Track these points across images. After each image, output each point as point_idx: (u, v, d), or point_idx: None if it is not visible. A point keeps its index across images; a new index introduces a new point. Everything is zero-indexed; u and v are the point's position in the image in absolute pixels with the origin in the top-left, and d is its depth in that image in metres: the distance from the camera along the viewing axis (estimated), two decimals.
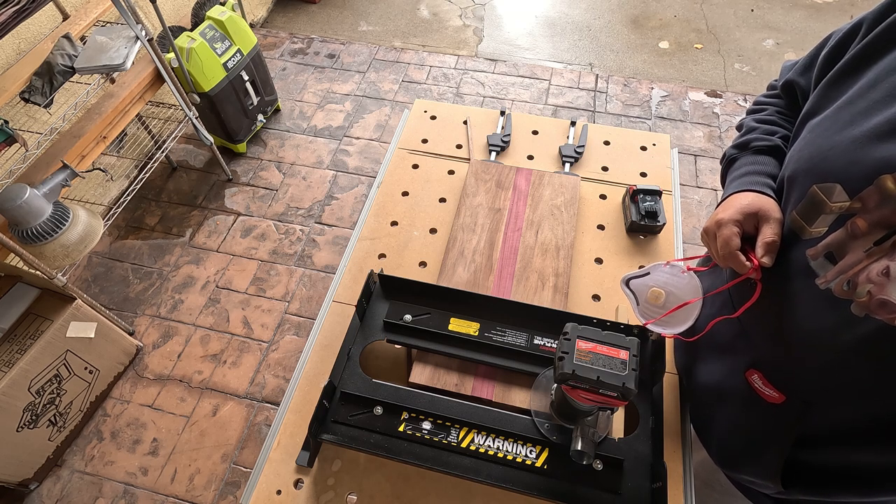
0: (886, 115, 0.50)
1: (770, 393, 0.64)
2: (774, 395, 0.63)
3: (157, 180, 2.38)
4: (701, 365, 0.78)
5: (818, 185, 0.54)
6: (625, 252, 1.02)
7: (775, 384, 0.63)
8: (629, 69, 2.87)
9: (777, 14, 3.19)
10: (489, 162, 1.13)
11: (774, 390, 0.63)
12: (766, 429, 0.66)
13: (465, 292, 0.88)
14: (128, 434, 1.71)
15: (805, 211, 0.56)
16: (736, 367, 0.69)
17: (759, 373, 0.65)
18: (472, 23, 3.16)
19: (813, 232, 0.55)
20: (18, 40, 1.73)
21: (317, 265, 2.10)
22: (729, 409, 0.72)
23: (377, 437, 0.75)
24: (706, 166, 2.40)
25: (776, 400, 0.63)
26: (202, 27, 2.04)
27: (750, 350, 0.67)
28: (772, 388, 0.64)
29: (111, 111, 1.70)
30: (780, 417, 0.64)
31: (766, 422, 0.66)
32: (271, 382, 1.81)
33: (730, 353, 0.71)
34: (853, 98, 0.55)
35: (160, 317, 1.96)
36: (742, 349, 0.69)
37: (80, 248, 1.55)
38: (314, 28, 3.11)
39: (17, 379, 1.41)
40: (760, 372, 0.65)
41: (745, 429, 0.70)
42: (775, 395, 0.63)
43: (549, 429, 0.75)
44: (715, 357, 0.75)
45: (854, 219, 0.51)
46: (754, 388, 0.66)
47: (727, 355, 0.72)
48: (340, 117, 2.61)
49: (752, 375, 0.66)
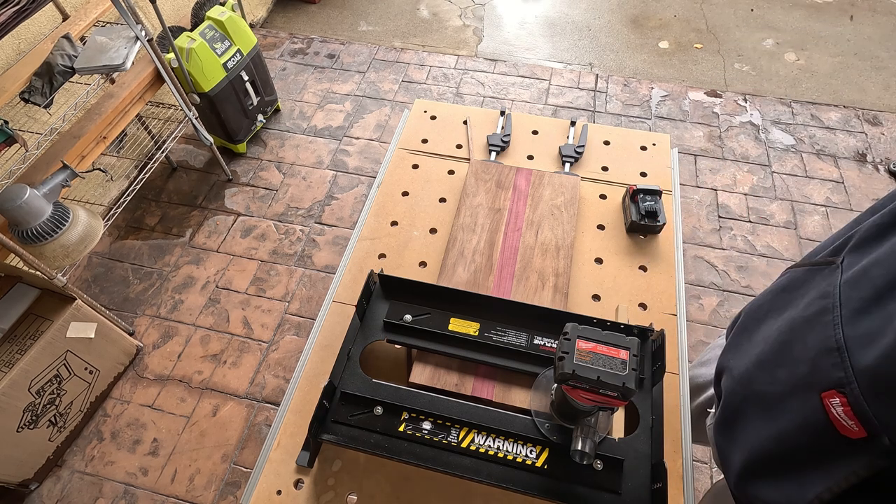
0: None
1: (850, 425, 0.52)
2: (854, 429, 0.52)
3: (157, 180, 2.38)
4: (761, 371, 0.67)
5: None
6: (625, 252, 1.02)
7: (861, 417, 0.51)
8: (629, 69, 2.87)
9: (777, 14, 3.19)
10: (489, 162, 1.13)
11: (857, 423, 0.53)
12: (824, 460, 0.57)
13: (465, 292, 0.88)
14: (128, 434, 1.71)
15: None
16: (812, 383, 0.57)
17: (843, 398, 0.53)
18: (471, 23, 3.16)
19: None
20: (18, 40, 1.73)
21: (317, 265, 2.10)
22: (782, 425, 0.60)
23: (377, 437, 0.75)
24: (706, 166, 2.40)
25: (854, 434, 0.52)
26: (202, 27, 2.04)
27: (842, 369, 0.54)
28: (854, 419, 0.52)
29: (111, 111, 1.70)
30: (849, 454, 0.54)
31: (828, 453, 0.56)
32: (271, 382, 1.81)
33: (809, 366, 0.59)
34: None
35: (160, 317, 1.96)
36: (830, 366, 0.55)
37: (80, 248, 1.55)
38: (314, 28, 3.11)
39: (17, 379, 1.41)
40: (846, 397, 0.52)
41: (795, 452, 0.60)
42: (856, 428, 0.51)
43: (549, 429, 0.75)
44: (786, 365, 0.63)
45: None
46: (830, 413, 0.55)
47: (804, 367, 0.59)
48: (340, 117, 2.61)
49: (833, 399, 0.54)
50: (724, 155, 2.44)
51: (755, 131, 2.54)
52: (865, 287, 0.57)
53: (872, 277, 0.57)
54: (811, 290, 0.65)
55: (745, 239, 2.15)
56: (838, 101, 2.68)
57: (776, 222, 2.20)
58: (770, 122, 2.58)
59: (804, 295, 0.66)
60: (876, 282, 0.56)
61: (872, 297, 0.56)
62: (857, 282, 0.58)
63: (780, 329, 0.67)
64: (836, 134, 2.52)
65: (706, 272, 2.06)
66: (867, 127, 2.55)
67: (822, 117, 2.59)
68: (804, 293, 0.66)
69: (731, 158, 2.43)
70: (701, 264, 2.08)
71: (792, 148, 2.47)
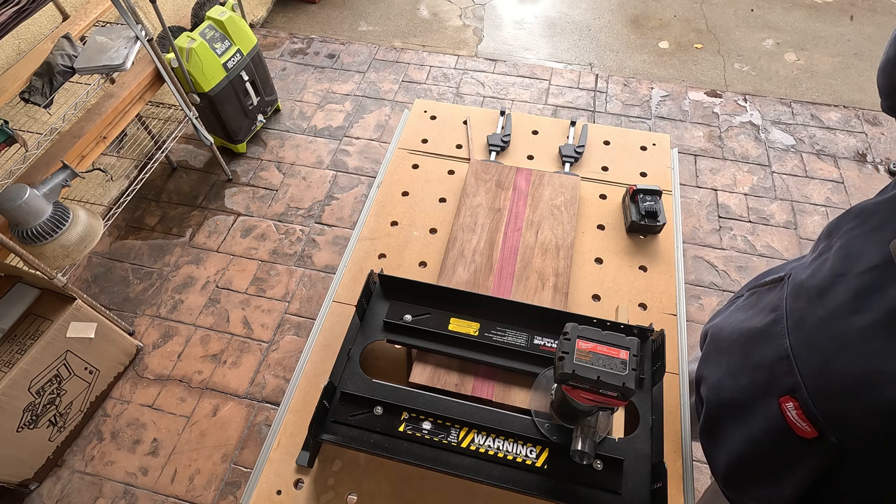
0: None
1: (803, 426, 0.59)
2: (807, 430, 0.58)
3: (157, 180, 2.38)
4: (729, 379, 0.73)
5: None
6: (625, 252, 1.02)
7: (811, 418, 0.58)
8: (629, 69, 2.87)
9: (777, 14, 3.19)
10: (489, 162, 1.13)
11: (808, 424, 0.58)
12: (787, 460, 0.62)
13: (465, 292, 0.88)
14: (128, 434, 1.71)
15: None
16: (770, 389, 0.64)
17: (795, 402, 0.60)
18: (471, 23, 3.16)
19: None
20: (18, 40, 1.73)
21: (317, 265, 2.10)
22: (751, 430, 0.67)
23: (377, 437, 0.75)
24: (706, 166, 2.40)
25: (807, 434, 0.58)
26: (202, 27, 2.04)
27: (792, 376, 0.61)
28: (806, 421, 0.58)
29: (111, 111, 1.70)
30: (806, 453, 0.60)
31: (789, 453, 0.62)
32: (271, 382, 1.81)
33: (766, 373, 0.65)
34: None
35: (160, 317, 1.96)
36: (782, 373, 0.62)
37: (80, 248, 1.55)
38: (314, 28, 3.11)
39: (17, 379, 1.41)
40: (797, 402, 0.59)
41: (764, 454, 0.66)
42: (808, 429, 0.58)
43: (549, 429, 0.75)
44: (748, 373, 0.69)
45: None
46: (786, 417, 0.61)
47: (762, 374, 0.66)
48: (340, 117, 2.61)
49: (787, 403, 0.60)
50: (724, 155, 2.44)
51: (755, 131, 2.54)
52: (803, 298, 0.64)
53: (808, 289, 0.64)
54: (765, 303, 0.73)
55: (745, 239, 2.15)
56: (838, 101, 2.68)
57: (776, 222, 2.20)
58: (770, 122, 2.58)
59: (761, 309, 0.73)
60: (810, 292, 0.63)
61: (807, 307, 0.62)
62: (797, 294, 0.66)
63: (741, 340, 0.73)
64: (836, 134, 2.52)
65: (706, 272, 2.06)
66: (867, 127, 2.55)
67: (822, 117, 2.59)
68: (760, 307, 0.73)
69: (731, 158, 2.43)
70: (701, 264, 2.08)
71: (792, 148, 2.47)
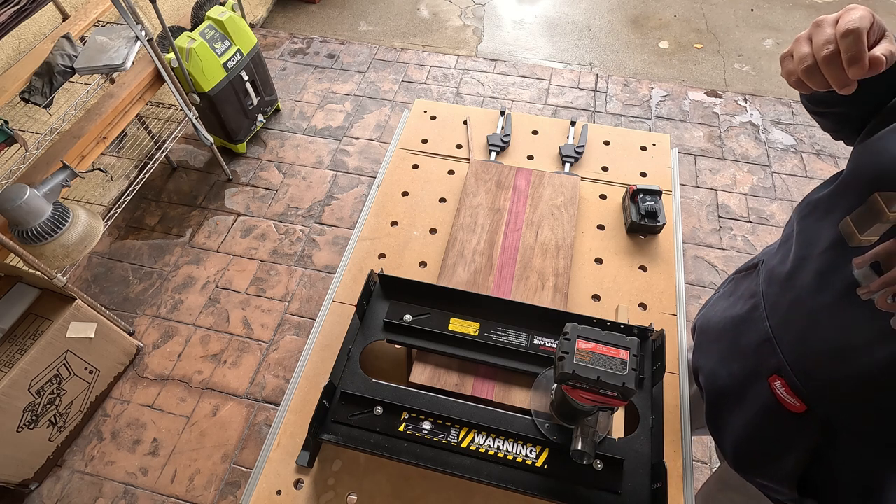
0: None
1: (792, 402, 0.63)
2: (796, 405, 0.62)
3: (157, 180, 2.38)
4: (721, 367, 0.77)
5: (881, 192, 0.51)
6: (625, 252, 1.02)
7: (798, 394, 0.62)
8: (629, 69, 2.87)
9: (777, 14, 3.19)
10: (489, 162, 1.13)
11: (797, 399, 0.62)
12: (784, 436, 0.65)
13: (465, 292, 0.88)
14: (128, 434, 1.71)
15: (860, 217, 0.53)
16: (759, 371, 0.68)
17: (782, 380, 0.64)
18: (471, 23, 3.16)
19: (863, 240, 0.52)
20: (18, 40, 1.73)
21: (317, 265, 2.10)
22: (748, 412, 0.71)
23: (377, 437, 0.75)
24: (706, 166, 2.40)
25: (797, 409, 0.62)
26: (202, 27, 2.04)
27: (776, 356, 0.65)
28: (794, 397, 0.62)
29: (111, 111, 1.70)
30: (799, 427, 0.63)
31: (785, 430, 0.65)
32: (271, 382, 1.81)
33: (753, 357, 0.70)
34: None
35: (160, 317, 1.96)
36: (767, 354, 0.67)
37: (80, 248, 1.55)
38: (314, 28, 3.11)
39: (17, 379, 1.41)
40: (784, 380, 0.64)
41: (764, 434, 0.69)
42: (797, 404, 0.62)
43: (549, 429, 0.75)
44: (737, 360, 0.73)
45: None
46: (776, 395, 0.65)
47: (751, 359, 0.70)
48: (340, 117, 2.61)
49: (776, 382, 0.65)
50: (724, 155, 2.44)
51: (755, 131, 2.54)
52: (775, 283, 0.69)
53: (778, 274, 0.68)
54: (743, 290, 0.77)
55: (745, 239, 2.15)
56: None
57: (776, 222, 2.20)
58: (770, 122, 2.58)
59: (740, 297, 0.77)
60: (780, 277, 0.67)
61: (780, 291, 0.67)
62: (770, 279, 0.70)
63: (727, 328, 0.77)
64: None
65: (706, 272, 2.06)
66: None
67: None
68: (739, 294, 0.78)
69: (731, 158, 2.43)
70: (701, 264, 2.08)
71: (792, 148, 2.47)
